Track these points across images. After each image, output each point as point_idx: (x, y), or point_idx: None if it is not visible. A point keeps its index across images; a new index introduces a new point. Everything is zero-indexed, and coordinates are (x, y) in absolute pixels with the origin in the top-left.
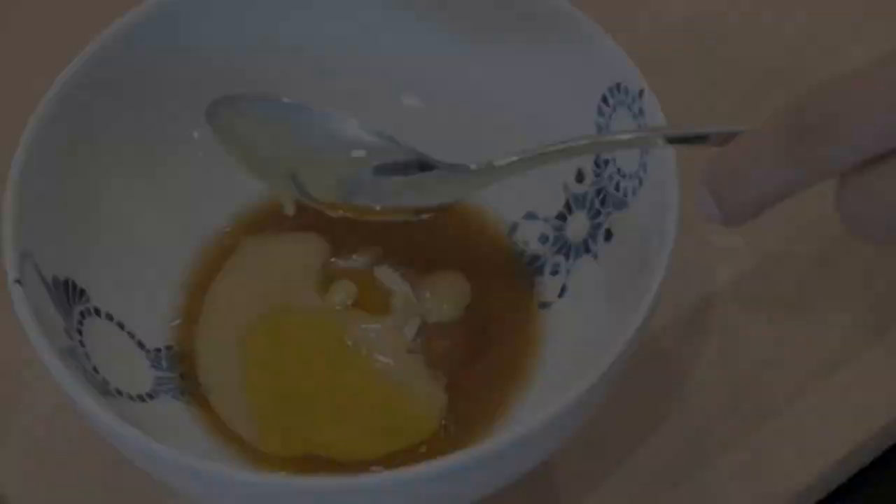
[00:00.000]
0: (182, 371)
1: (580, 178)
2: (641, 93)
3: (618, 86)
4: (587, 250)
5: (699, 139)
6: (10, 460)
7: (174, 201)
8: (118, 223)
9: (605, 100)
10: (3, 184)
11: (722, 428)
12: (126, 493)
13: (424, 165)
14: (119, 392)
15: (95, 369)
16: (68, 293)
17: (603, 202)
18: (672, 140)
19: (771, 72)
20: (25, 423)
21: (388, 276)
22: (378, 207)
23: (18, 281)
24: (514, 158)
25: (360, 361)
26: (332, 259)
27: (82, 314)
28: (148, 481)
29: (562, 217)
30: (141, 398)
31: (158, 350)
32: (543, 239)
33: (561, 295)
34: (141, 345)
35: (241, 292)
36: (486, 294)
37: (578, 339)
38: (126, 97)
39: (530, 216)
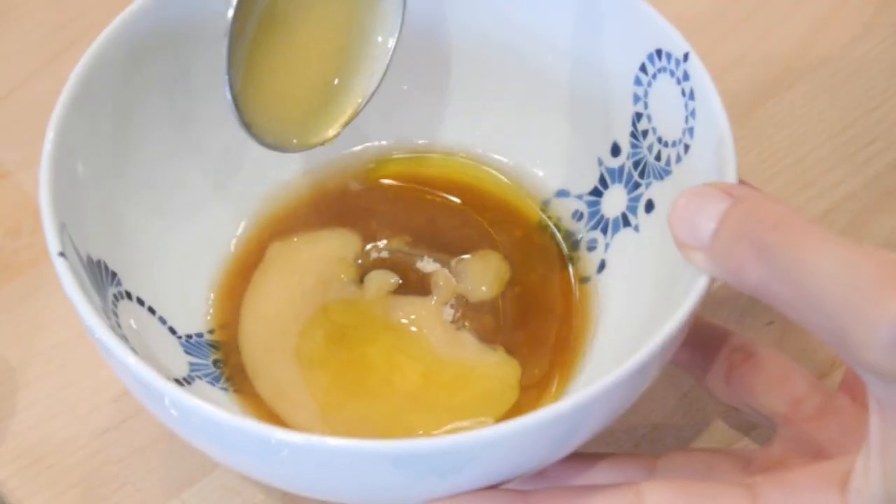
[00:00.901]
0: (217, 359)
1: (616, 151)
2: (686, 56)
3: (658, 52)
4: (627, 223)
5: None
6: (10, 460)
7: (205, 188)
8: (149, 209)
9: (643, 68)
10: (4, 178)
11: (721, 428)
12: (127, 492)
13: None
14: None
15: (133, 351)
16: (102, 274)
17: (642, 174)
18: None
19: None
20: (25, 424)
21: (424, 260)
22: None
23: (62, 254)
24: None
25: (417, 346)
26: (365, 250)
27: (115, 297)
28: (149, 481)
29: (596, 193)
30: (178, 382)
31: (190, 336)
32: (577, 216)
33: (600, 270)
34: (173, 331)
35: (281, 293)
36: (523, 272)
37: (627, 310)
38: (159, 67)
39: (562, 194)
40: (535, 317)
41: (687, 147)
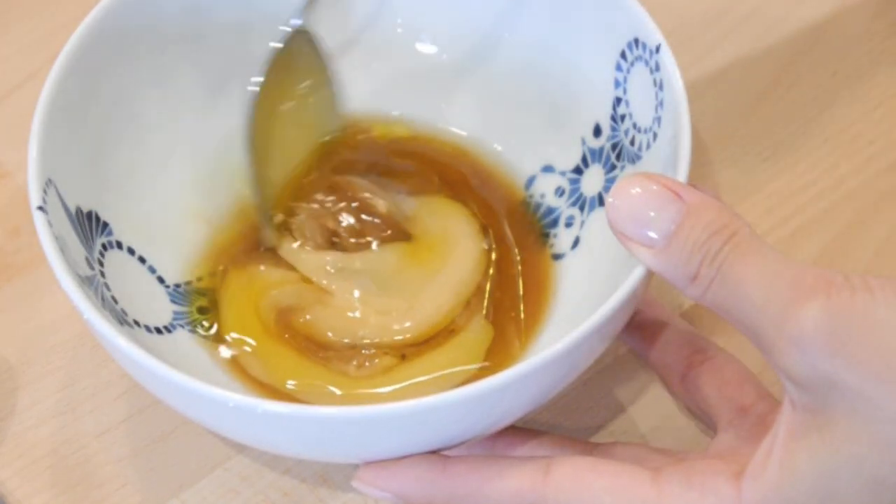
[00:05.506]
0: (200, 306)
1: (597, 132)
2: (658, 48)
3: (636, 41)
4: (601, 203)
5: None
6: (10, 460)
7: (200, 143)
8: (144, 160)
9: (623, 55)
10: (4, 178)
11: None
12: (127, 492)
13: None
14: (137, 323)
15: (115, 299)
16: (91, 225)
17: (619, 156)
18: None
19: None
20: (25, 424)
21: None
22: None
23: (41, 208)
24: None
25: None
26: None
27: (104, 246)
28: (150, 480)
29: (578, 171)
30: (158, 330)
31: (178, 286)
32: (559, 192)
33: (574, 246)
34: (161, 280)
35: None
36: (502, 246)
37: (590, 289)
38: (157, 32)
39: (547, 169)
40: (502, 296)
41: (655, 135)
